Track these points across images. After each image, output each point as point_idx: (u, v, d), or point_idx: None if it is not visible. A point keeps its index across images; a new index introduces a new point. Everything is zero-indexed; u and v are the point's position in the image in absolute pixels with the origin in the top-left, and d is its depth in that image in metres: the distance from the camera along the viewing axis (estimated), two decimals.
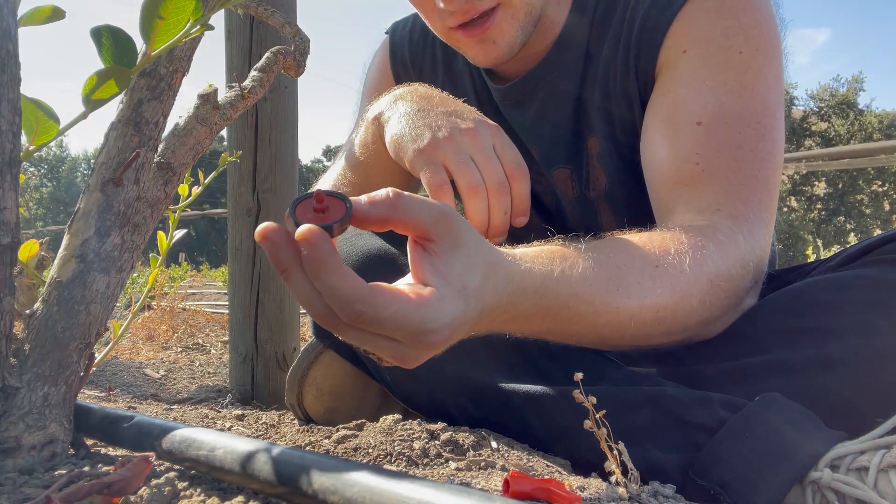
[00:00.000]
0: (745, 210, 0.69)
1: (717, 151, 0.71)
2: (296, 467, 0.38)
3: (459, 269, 0.46)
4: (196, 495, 0.40)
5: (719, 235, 0.66)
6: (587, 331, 0.59)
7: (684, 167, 0.72)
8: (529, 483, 0.43)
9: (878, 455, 0.49)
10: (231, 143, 1.78)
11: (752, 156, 0.71)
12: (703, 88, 0.72)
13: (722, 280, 0.63)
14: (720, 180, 0.71)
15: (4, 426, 0.43)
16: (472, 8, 0.75)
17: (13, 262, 0.41)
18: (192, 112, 0.61)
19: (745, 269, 0.66)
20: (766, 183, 0.71)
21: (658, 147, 0.74)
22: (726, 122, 0.71)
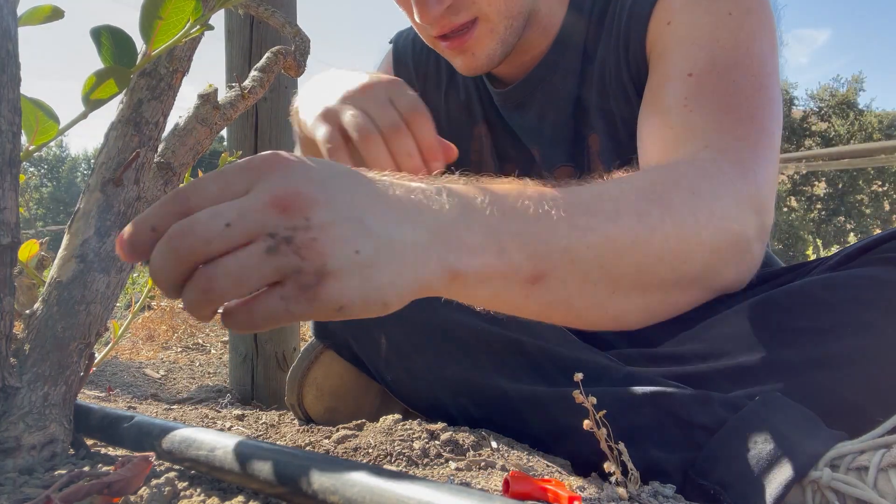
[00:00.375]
0: (739, 147, 0.64)
1: (709, 94, 0.67)
2: (296, 467, 0.38)
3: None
4: (196, 495, 0.40)
5: (710, 169, 0.61)
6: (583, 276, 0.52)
7: (671, 114, 0.68)
8: (529, 483, 0.43)
9: (877, 454, 0.49)
10: (231, 143, 1.78)
11: (748, 101, 0.67)
12: (693, 48, 0.70)
13: (718, 218, 0.58)
14: (711, 119, 0.66)
15: (4, 426, 0.43)
16: (448, 23, 0.76)
17: (13, 262, 0.41)
18: (192, 112, 0.61)
19: (743, 209, 0.60)
20: (765, 129, 0.66)
21: (648, 121, 0.71)
22: (719, 71, 0.68)
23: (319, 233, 0.40)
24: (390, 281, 0.42)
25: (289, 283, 0.39)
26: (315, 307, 0.40)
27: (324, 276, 0.40)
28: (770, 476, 0.52)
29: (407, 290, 0.43)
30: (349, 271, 0.41)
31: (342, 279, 0.40)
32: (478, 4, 0.75)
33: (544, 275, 0.50)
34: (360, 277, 0.41)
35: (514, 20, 0.79)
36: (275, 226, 0.40)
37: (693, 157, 0.62)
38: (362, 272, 0.41)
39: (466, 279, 0.46)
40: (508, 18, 0.78)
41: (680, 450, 0.59)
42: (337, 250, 0.40)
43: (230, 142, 1.82)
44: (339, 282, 0.40)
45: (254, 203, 0.41)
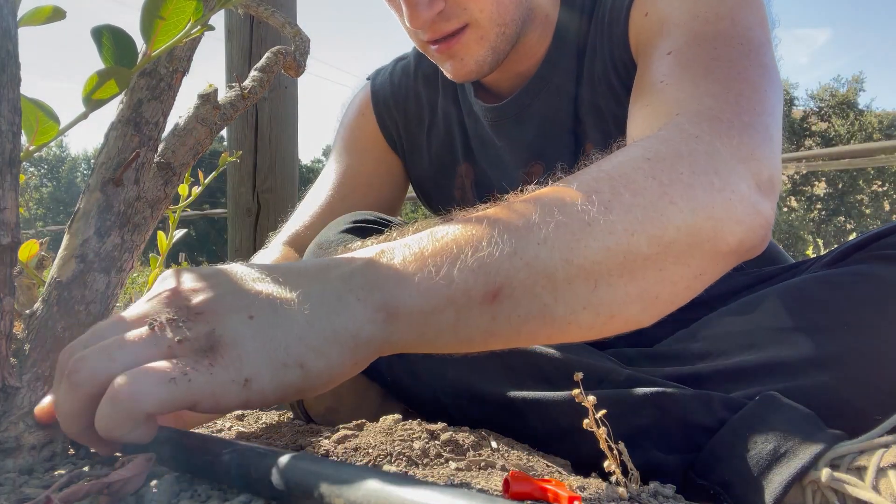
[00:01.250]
0: (716, 105, 0.56)
1: (686, 66, 0.62)
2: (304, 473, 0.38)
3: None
4: (196, 495, 0.40)
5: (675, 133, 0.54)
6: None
7: (649, 94, 0.63)
8: (529, 483, 0.43)
9: (877, 454, 0.50)
10: (231, 143, 1.78)
11: (730, 66, 0.60)
12: (672, 28, 0.67)
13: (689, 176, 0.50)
14: (687, 88, 0.59)
15: (4, 426, 0.43)
16: (438, 28, 0.75)
17: (13, 262, 0.41)
18: (192, 112, 0.61)
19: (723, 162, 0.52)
20: (750, 85, 0.59)
21: (631, 109, 0.67)
22: (699, 43, 0.63)
23: (204, 304, 0.39)
24: (299, 336, 0.38)
25: (181, 352, 0.37)
26: (216, 376, 0.37)
27: (217, 340, 0.38)
28: (770, 476, 0.52)
29: (328, 345, 0.39)
30: (245, 335, 0.38)
31: (239, 344, 0.38)
32: (469, 11, 0.75)
33: (500, 287, 0.43)
34: (260, 340, 0.38)
35: (506, 27, 0.78)
36: (157, 313, 0.39)
37: (659, 128, 0.56)
38: (262, 334, 0.38)
39: (410, 315, 0.41)
40: (500, 26, 0.77)
41: (680, 450, 0.59)
42: (226, 317, 0.38)
43: (230, 142, 1.82)
44: (237, 347, 0.37)
45: (139, 308, 0.40)
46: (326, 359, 0.39)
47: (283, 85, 1.80)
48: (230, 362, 0.37)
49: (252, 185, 1.77)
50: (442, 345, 0.44)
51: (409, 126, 1.02)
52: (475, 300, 0.42)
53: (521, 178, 0.91)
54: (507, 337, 0.45)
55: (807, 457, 0.52)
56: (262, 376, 0.38)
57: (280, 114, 1.80)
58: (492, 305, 0.43)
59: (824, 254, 0.78)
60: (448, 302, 0.42)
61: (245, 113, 1.41)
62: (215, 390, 0.37)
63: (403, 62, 1.05)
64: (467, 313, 0.42)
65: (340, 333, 0.39)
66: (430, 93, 1.00)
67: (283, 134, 1.80)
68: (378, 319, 0.40)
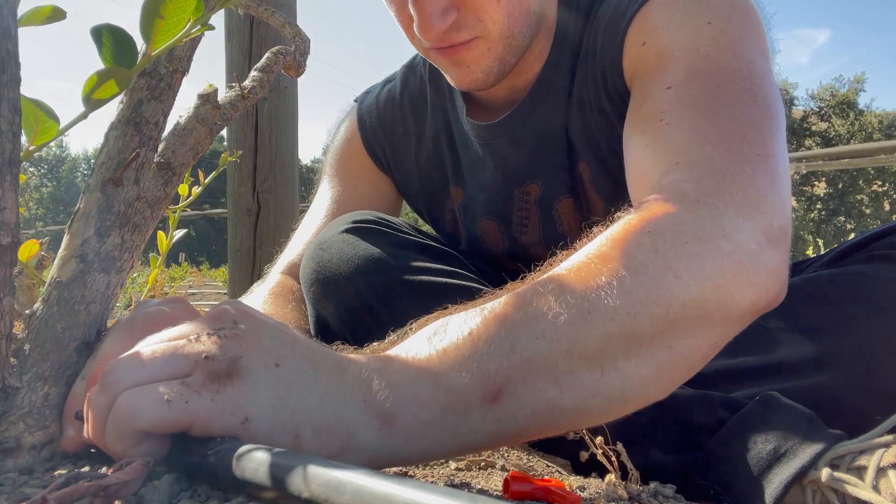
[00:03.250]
0: (717, 156, 0.54)
1: (687, 104, 0.60)
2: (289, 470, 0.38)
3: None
4: (196, 495, 0.40)
5: (677, 194, 0.51)
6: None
7: (649, 132, 0.62)
8: (529, 483, 0.43)
9: (877, 454, 0.50)
10: (231, 143, 1.78)
11: (732, 104, 0.58)
12: (671, 61, 0.65)
13: (692, 244, 0.48)
14: (687, 130, 0.58)
15: (4, 426, 0.43)
16: (448, 38, 0.75)
17: (13, 262, 0.41)
18: (193, 112, 0.61)
19: (727, 220, 0.49)
20: (753, 125, 0.57)
21: (628, 143, 0.66)
22: (699, 79, 0.62)
23: (245, 333, 0.41)
24: (306, 409, 0.39)
25: (198, 371, 0.39)
26: (218, 403, 0.38)
27: (237, 369, 0.39)
28: (770, 476, 0.52)
29: (324, 432, 0.40)
30: (263, 380, 0.39)
31: (255, 384, 0.39)
32: (483, 23, 0.74)
33: (501, 387, 0.42)
34: (273, 392, 0.39)
35: (514, 40, 0.77)
36: (203, 328, 0.41)
37: (664, 181, 0.55)
38: (278, 388, 0.39)
39: (407, 426, 0.41)
40: (509, 38, 0.76)
41: (680, 450, 0.59)
42: (256, 353, 0.40)
43: (230, 142, 1.82)
44: (251, 385, 0.39)
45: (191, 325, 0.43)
46: (319, 441, 0.40)
47: (283, 85, 1.80)
48: (237, 395, 0.39)
49: (252, 185, 1.77)
50: (441, 453, 0.43)
51: (396, 150, 1.02)
52: (474, 404, 0.42)
53: (518, 197, 0.91)
54: (516, 435, 0.44)
55: (807, 457, 0.52)
56: (261, 423, 0.39)
57: (280, 114, 1.80)
58: (493, 406, 0.42)
59: (824, 253, 0.78)
60: (445, 409, 0.41)
61: (245, 113, 1.41)
62: (211, 417, 0.38)
63: (390, 85, 1.05)
64: (467, 419, 0.42)
65: (339, 426, 0.40)
66: (418, 115, 1.00)
67: (283, 134, 1.80)
68: (374, 427, 0.41)
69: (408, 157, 1.01)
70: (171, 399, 0.37)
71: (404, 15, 0.77)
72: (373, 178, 1.05)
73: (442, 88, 0.97)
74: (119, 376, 0.40)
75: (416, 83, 1.00)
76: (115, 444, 0.39)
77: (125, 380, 0.39)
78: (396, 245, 0.80)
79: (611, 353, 0.44)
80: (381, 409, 0.41)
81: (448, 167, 0.97)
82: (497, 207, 0.93)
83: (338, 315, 0.78)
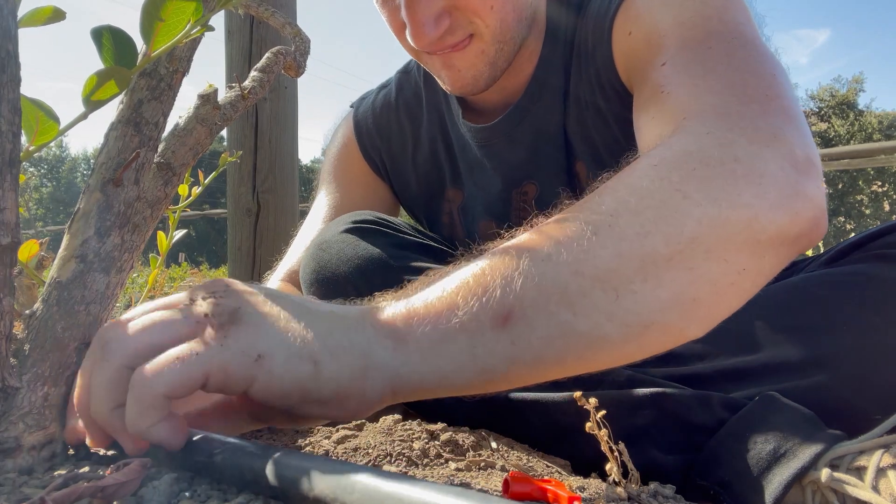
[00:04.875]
0: (727, 102, 0.52)
1: (682, 71, 0.59)
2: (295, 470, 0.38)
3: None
4: (196, 495, 0.40)
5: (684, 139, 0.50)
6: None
7: (653, 106, 0.61)
8: (529, 483, 0.43)
9: (877, 454, 0.50)
10: (231, 143, 1.78)
11: (727, 60, 0.57)
12: (660, 39, 0.65)
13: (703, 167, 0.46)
14: (688, 93, 0.57)
15: (4, 426, 0.43)
16: (442, 41, 0.75)
17: (13, 262, 0.41)
18: (193, 112, 0.61)
19: (743, 147, 0.47)
20: (753, 72, 0.55)
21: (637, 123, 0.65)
22: (690, 46, 0.61)
23: (238, 290, 0.42)
24: (317, 334, 0.40)
25: (206, 328, 0.40)
26: (227, 348, 0.38)
27: (238, 315, 0.40)
28: (770, 476, 0.52)
29: (342, 352, 0.40)
30: (268, 317, 0.40)
31: (259, 322, 0.40)
32: (475, 24, 0.74)
33: (511, 309, 0.41)
34: (281, 325, 0.40)
35: (506, 45, 0.78)
36: (195, 294, 0.43)
37: (668, 136, 0.53)
38: (284, 321, 0.40)
39: (419, 343, 0.41)
40: (501, 42, 0.77)
41: (680, 450, 0.59)
42: (254, 299, 0.41)
43: (230, 142, 1.82)
44: (256, 324, 0.40)
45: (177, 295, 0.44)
46: (339, 363, 0.40)
47: (283, 85, 1.80)
48: (245, 335, 0.39)
49: (252, 185, 1.77)
50: (463, 378, 0.42)
51: (393, 154, 1.02)
52: (486, 325, 0.41)
53: (516, 197, 0.91)
54: (533, 361, 0.43)
55: (807, 457, 0.52)
56: (276, 357, 0.39)
57: (280, 114, 1.80)
58: (505, 329, 0.41)
59: (822, 252, 0.78)
60: (458, 329, 0.41)
61: (245, 113, 1.41)
62: (225, 361, 0.38)
63: (385, 90, 1.05)
64: (481, 339, 0.41)
65: (355, 347, 0.41)
66: (413, 120, 1.00)
67: (283, 134, 1.80)
68: (388, 346, 0.41)
69: (405, 161, 1.01)
70: (181, 357, 0.38)
71: (396, 21, 0.76)
72: (370, 184, 1.05)
73: (437, 92, 0.97)
74: (118, 345, 0.40)
75: (411, 87, 1.00)
76: (137, 421, 0.38)
77: (125, 347, 0.40)
78: (397, 245, 0.80)
79: (625, 275, 0.42)
80: (392, 330, 0.42)
81: (445, 169, 0.97)
82: (496, 209, 0.93)
83: None
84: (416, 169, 1.01)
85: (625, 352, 0.45)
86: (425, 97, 0.98)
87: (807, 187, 0.48)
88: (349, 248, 0.78)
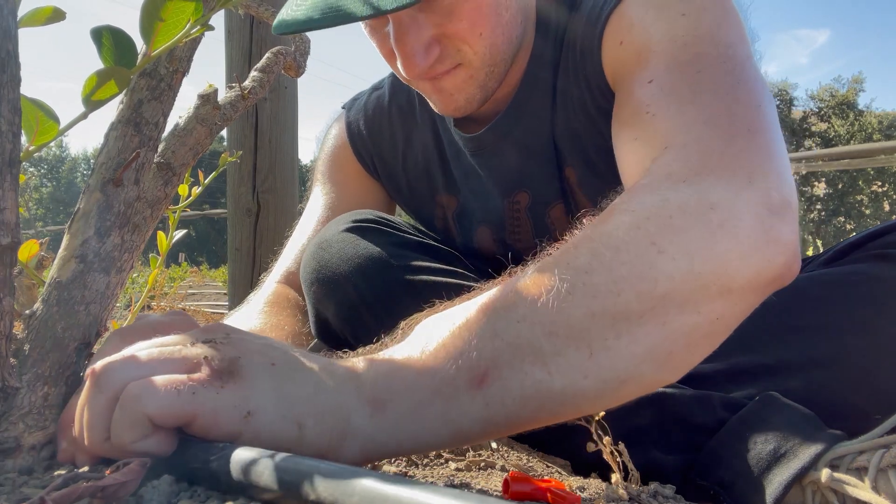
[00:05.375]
0: (707, 133, 0.53)
1: (669, 92, 0.59)
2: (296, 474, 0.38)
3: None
4: (195, 495, 0.40)
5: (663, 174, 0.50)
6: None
7: (637, 126, 0.61)
8: (529, 483, 0.43)
9: (877, 455, 0.50)
10: (231, 143, 1.78)
11: (715, 83, 0.57)
12: (650, 55, 0.64)
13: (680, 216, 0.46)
14: (674, 117, 0.57)
15: (4, 426, 0.43)
16: (432, 70, 0.74)
17: (13, 263, 0.41)
18: (193, 112, 0.61)
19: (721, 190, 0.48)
20: (739, 101, 0.56)
21: (618, 140, 0.65)
22: (679, 67, 0.61)
23: (237, 340, 0.43)
24: (306, 398, 0.41)
25: (203, 371, 0.40)
26: (223, 397, 0.39)
27: (237, 367, 0.41)
28: (770, 476, 0.52)
29: (327, 416, 0.41)
30: (263, 375, 0.41)
31: (255, 379, 0.41)
32: (463, 52, 0.73)
33: (486, 371, 0.42)
34: (274, 386, 0.41)
35: (497, 67, 0.77)
36: (196, 337, 0.43)
37: (653, 166, 0.54)
38: (277, 382, 0.41)
39: (396, 410, 0.42)
40: (491, 66, 0.76)
41: (680, 450, 0.59)
42: (252, 356, 0.42)
43: (230, 142, 1.82)
44: (252, 381, 0.41)
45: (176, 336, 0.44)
46: (322, 427, 0.41)
47: (283, 85, 1.80)
48: (241, 390, 0.40)
49: (252, 185, 1.77)
50: (437, 441, 0.43)
51: (384, 156, 1.02)
52: (461, 388, 0.42)
53: (508, 206, 0.91)
54: (507, 422, 0.43)
55: (807, 457, 0.52)
56: (264, 417, 0.40)
57: (280, 114, 1.80)
58: (480, 390, 0.42)
59: (822, 252, 0.78)
60: (433, 393, 0.42)
61: (245, 113, 1.41)
62: (217, 409, 0.39)
63: (378, 92, 1.05)
64: (456, 403, 0.42)
65: (338, 410, 0.42)
66: (405, 124, 1.00)
67: (283, 134, 1.80)
68: (367, 412, 0.42)
69: (395, 164, 1.01)
70: (179, 388, 0.38)
71: (386, 48, 0.76)
72: (364, 184, 1.05)
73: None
74: (115, 375, 0.40)
75: (404, 91, 1.00)
76: (122, 434, 0.39)
77: (122, 377, 0.40)
78: (397, 244, 0.80)
79: (598, 332, 0.43)
80: (372, 395, 0.43)
81: (437, 176, 0.97)
82: (491, 215, 0.93)
83: (338, 314, 0.78)
84: (407, 174, 1.00)
85: (600, 405, 0.46)
86: (418, 103, 0.98)
87: (781, 232, 0.48)
88: (350, 248, 0.78)
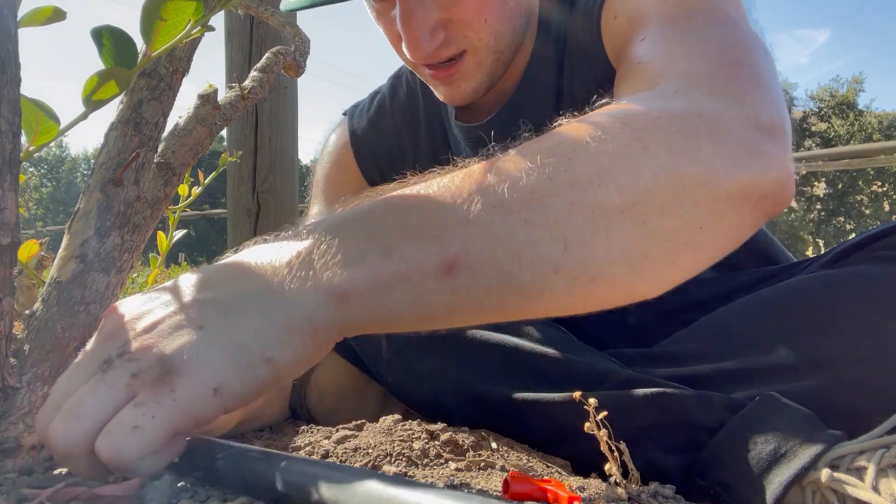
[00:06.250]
0: (698, 66, 0.52)
1: (661, 42, 0.59)
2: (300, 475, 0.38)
3: None
4: (196, 496, 0.40)
5: (652, 94, 0.50)
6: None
7: (629, 79, 0.60)
8: (529, 483, 0.43)
9: (877, 455, 0.50)
10: (231, 143, 1.78)
11: (707, 34, 0.57)
12: (643, 18, 0.64)
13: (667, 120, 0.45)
14: (663, 56, 0.56)
15: (4, 426, 0.43)
16: (437, 55, 0.75)
17: (13, 263, 0.41)
18: (192, 112, 0.61)
19: (705, 102, 0.48)
20: (738, 47, 0.55)
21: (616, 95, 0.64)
22: (673, 22, 0.60)
23: (151, 331, 0.39)
24: (257, 333, 0.38)
25: (140, 389, 0.37)
26: (181, 398, 0.36)
27: (170, 364, 0.37)
28: (770, 476, 0.52)
29: (288, 335, 0.39)
30: (199, 348, 0.38)
31: (195, 359, 0.37)
32: (468, 38, 0.74)
33: (455, 258, 0.40)
34: (217, 347, 0.38)
35: (502, 54, 0.78)
36: (106, 352, 0.39)
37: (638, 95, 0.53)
38: (217, 340, 0.38)
39: (361, 297, 0.39)
40: (496, 53, 0.77)
41: (680, 450, 0.59)
42: (174, 338, 0.38)
43: (230, 142, 1.82)
44: (194, 363, 0.37)
45: (90, 353, 0.40)
46: (290, 347, 0.39)
47: (283, 85, 1.80)
48: (191, 379, 0.37)
49: (252, 185, 1.77)
50: (401, 324, 0.42)
51: (393, 161, 1.01)
52: (429, 274, 0.40)
53: None
54: (472, 312, 0.42)
55: (807, 457, 0.52)
56: (231, 381, 0.38)
57: (280, 114, 1.80)
58: (448, 278, 0.40)
59: (823, 254, 0.78)
60: (400, 279, 0.40)
61: (245, 113, 1.41)
62: (187, 411, 0.37)
63: (378, 96, 1.04)
64: (423, 289, 0.40)
65: (297, 322, 0.39)
66: (410, 124, 1.00)
67: (283, 134, 1.80)
68: (330, 304, 0.40)
69: (406, 163, 1.00)
70: (139, 424, 0.36)
71: (392, 32, 0.76)
72: (363, 188, 1.04)
73: (433, 96, 0.97)
74: (58, 436, 0.37)
75: (404, 93, 1.00)
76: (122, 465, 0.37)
77: (65, 438, 0.37)
78: None
79: (575, 224, 0.41)
80: (332, 287, 0.39)
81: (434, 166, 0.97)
82: None
83: None
84: (419, 171, 1.00)
85: (567, 304, 0.44)
86: (422, 101, 0.98)
87: (770, 149, 0.46)
88: None
